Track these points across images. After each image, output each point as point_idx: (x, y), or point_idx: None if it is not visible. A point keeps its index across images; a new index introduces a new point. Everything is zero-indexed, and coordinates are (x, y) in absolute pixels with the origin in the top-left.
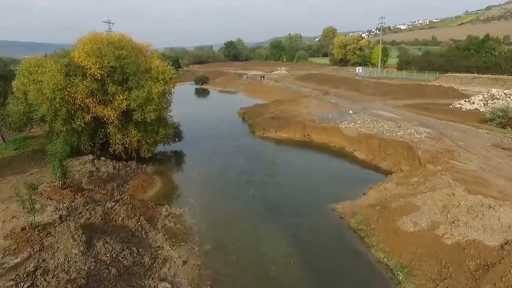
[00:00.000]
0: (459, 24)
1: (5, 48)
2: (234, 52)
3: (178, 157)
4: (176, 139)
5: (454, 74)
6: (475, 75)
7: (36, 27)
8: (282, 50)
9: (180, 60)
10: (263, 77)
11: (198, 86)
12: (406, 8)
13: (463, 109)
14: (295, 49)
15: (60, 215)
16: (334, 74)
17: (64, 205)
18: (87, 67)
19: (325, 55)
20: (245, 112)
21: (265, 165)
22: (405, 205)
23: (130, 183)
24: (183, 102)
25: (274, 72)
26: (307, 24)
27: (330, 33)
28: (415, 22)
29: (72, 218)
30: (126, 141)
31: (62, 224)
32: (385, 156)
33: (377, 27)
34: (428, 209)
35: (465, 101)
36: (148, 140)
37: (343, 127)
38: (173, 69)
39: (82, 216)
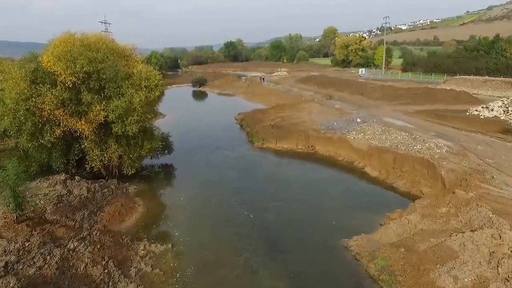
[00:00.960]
0: (461, 24)
1: (6, 48)
2: (234, 53)
3: (166, 172)
4: (166, 151)
5: (464, 76)
6: (487, 77)
7: (36, 27)
8: (283, 51)
9: (179, 61)
10: (263, 79)
11: (195, 89)
12: (407, 8)
13: (481, 117)
14: (295, 50)
15: (6, 262)
16: (337, 76)
17: (16, 245)
18: (57, 73)
19: (325, 55)
20: (243, 118)
21: (264, 184)
22: (438, 249)
23: (106, 210)
24: (178, 106)
25: (274, 74)
26: (307, 24)
27: (330, 33)
28: (416, 22)
29: (21, 266)
30: (105, 157)
31: (2, 279)
32: (401, 174)
33: (377, 27)
34: (469, 256)
35: (482, 107)
36: (131, 156)
37: (351, 138)
38: (160, 74)
39: (33, 263)
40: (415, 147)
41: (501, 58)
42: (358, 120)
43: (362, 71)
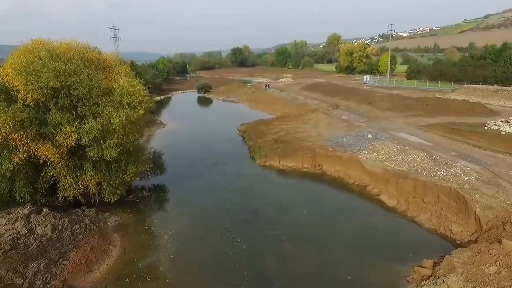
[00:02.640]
0: (459, 32)
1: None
2: (241, 58)
3: (157, 197)
4: (157, 171)
5: (474, 85)
6: (498, 87)
7: (51, 34)
8: (288, 57)
9: (187, 66)
10: (268, 86)
11: (200, 95)
12: (407, 16)
13: (502, 133)
14: (300, 56)
15: None
16: (342, 83)
17: None
18: (16, 89)
19: (329, 61)
20: (246, 130)
21: (264, 213)
22: None
23: (71, 257)
24: (181, 114)
25: (280, 80)
26: (312, 31)
27: (334, 40)
28: (416, 29)
29: None
30: (80, 185)
31: None
32: (423, 206)
33: (379, 35)
34: None
35: (502, 121)
36: (112, 182)
37: (363, 158)
38: (145, 89)
39: None
40: (439, 172)
41: (510, 67)
42: (369, 136)
43: (366, 78)
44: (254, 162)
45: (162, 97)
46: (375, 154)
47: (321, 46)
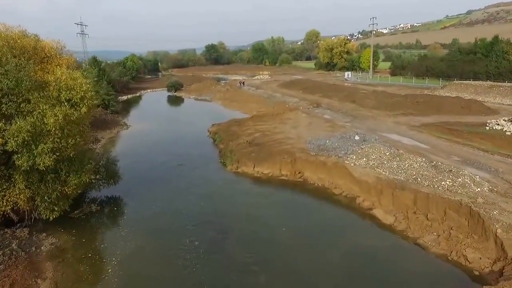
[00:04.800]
0: (442, 28)
1: None
2: (216, 56)
3: (107, 211)
4: (111, 180)
5: (466, 81)
6: (493, 83)
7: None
8: (265, 54)
9: (159, 64)
10: (243, 83)
11: (171, 94)
12: (387, 13)
13: (507, 133)
14: (278, 53)
15: None
16: (322, 79)
17: None
18: None
19: (308, 58)
20: (217, 131)
21: (234, 232)
22: None
23: None
24: (147, 114)
25: (256, 77)
26: (289, 28)
27: (313, 36)
28: (397, 26)
29: None
30: (5, 201)
31: None
32: (428, 224)
33: (359, 31)
34: None
35: (504, 120)
36: (48, 197)
37: (351, 164)
38: (89, 83)
39: None
40: (443, 182)
41: (503, 62)
42: (357, 137)
43: (348, 74)
44: (224, 168)
45: (130, 96)
46: (364, 159)
47: (299, 42)
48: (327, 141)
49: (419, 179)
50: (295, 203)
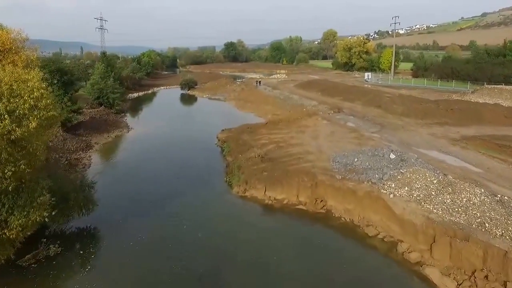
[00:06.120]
0: (458, 30)
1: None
2: (234, 53)
3: (73, 253)
4: (83, 210)
5: (498, 86)
6: None
7: (49, 25)
8: (283, 52)
9: (178, 60)
10: (259, 82)
11: (184, 92)
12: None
13: None
14: (295, 52)
15: None
16: (341, 80)
17: None
18: None
19: (324, 57)
20: (226, 139)
21: (236, 284)
22: None
23: None
24: (155, 115)
25: (273, 76)
26: (307, 27)
27: (330, 36)
28: (413, 27)
29: None
30: None
31: None
32: None
33: (375, 31)
34: None
35: None
36: None
37: (390, 195)
38: (47, 85)
39: None
40: None
41: None
42: (392, 156)
43: (368, 75)
44: (230, 189)
45: (141, 93)
46: (406, 188)
47: (316, 42)
48: (356, 159)
49: (486, 224)
50: (316, 246)
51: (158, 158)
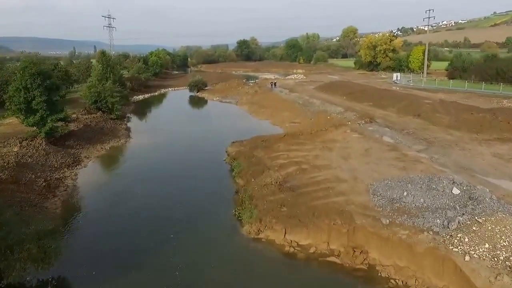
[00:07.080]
0: (491, 26)
1: (35, 43)
2: (247, 52)
3: None
4: (39, 264)
5: None
6: None
7: (64, 26)
8: (299, 50)
9: (189, 59)
10: (274, 84)
11: (192, 94)
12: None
13: None
14: (312, 50)
15: None
16: (366, 82)
17: None
18: None
19: (344, 56)
20: (237, 155)
21: None
22: None
23: None
24: (158, 121)
25: (290, 77)
26: (324, 24)
27: (350, 33)
28: (439, 23)
29: None
30: None
31: None
32: None
33: (398, 28)
34: None
35: None
36: None
37: (464, 256)
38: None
39: None
40: None
41: None
42: (456, 191)
43: (397, 76)
44: (240, 227)
45: (147, 95)
46: (487, 246)
47: (335, 39)
48: (404, 193)
49: None
50: None
51: (156, 178)
